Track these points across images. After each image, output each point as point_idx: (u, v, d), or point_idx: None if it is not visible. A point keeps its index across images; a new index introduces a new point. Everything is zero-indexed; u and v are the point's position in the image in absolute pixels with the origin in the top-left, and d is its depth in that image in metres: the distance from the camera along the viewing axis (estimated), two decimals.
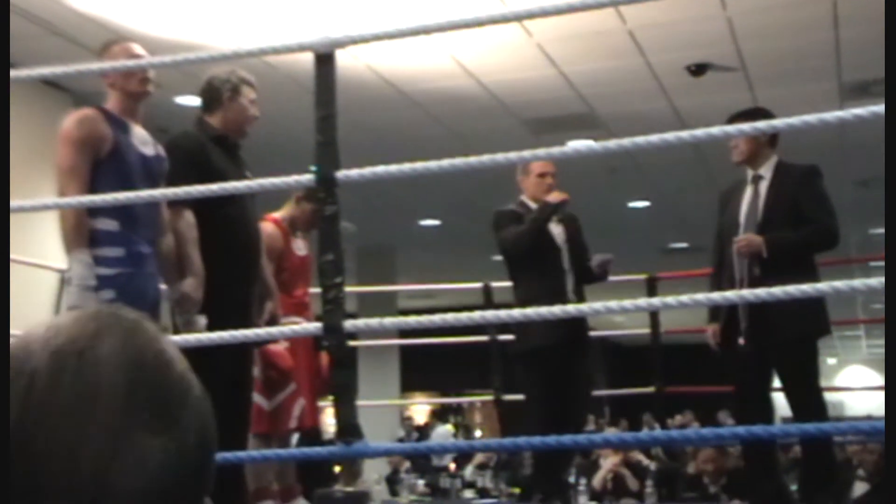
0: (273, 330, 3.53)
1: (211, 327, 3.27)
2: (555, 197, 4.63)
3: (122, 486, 0.61)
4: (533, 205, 4.70)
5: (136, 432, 0.62)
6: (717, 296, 3.80)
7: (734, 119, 4.07)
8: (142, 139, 3.40)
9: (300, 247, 4.64)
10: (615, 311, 2.73)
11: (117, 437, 0.61)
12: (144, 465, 0.62)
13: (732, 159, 4.30)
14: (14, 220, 3.36)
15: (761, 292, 2.64)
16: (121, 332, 0.66)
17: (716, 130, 2.76)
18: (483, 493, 7.15)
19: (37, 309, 5.16)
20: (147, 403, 0.63)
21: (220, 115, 3.76)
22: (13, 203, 3.16)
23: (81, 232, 3.16)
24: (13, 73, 3.43)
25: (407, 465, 10.45)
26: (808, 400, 4.03)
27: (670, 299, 2.77)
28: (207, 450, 0.67)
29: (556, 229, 4.72)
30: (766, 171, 4.22)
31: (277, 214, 4.62)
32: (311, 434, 4.90)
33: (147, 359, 0.65)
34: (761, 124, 3.32)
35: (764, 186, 4.20)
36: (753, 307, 3.98)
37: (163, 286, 3.47)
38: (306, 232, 4.65)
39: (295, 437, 5.28)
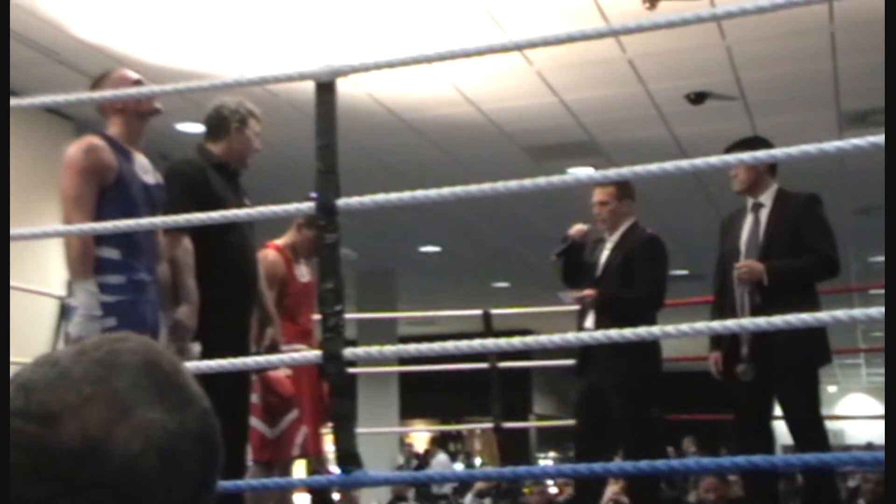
0: (273, 357, 3.52)
1: (208, 354, 3.26)
2: (573, 230, 4.73)
3: (124, 447, 0.65)
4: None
5: (141, 405, 0.67)
6: (717, 324, 3.76)
7: (732, 148, 4.08)
8: (143, 167, 3.41)
9: (303, 273, 4.63)
10: (615, 340, 2.73)
11: (124, 403, 0.66)
12: (146, 433, 0.66)
13: (733, 188, 4.32)
14: (14, 246, 3.35)
15: (761, 321, 2.63)
16: (143, 343, 0.73)
17: (715, 160, 2.77)
18: None
19: (36, 334, 5.15)
20: (155, 389, 0.69)
21: (224, 143, 3.77)
22: (13, 230, 3.16)
23: (88, 261, 3.15)
24: (16, 100, 3.45)
25: (411, 492, 10.42)
26: (810, 429, 4.01)
27: (670, 328, 2.77)
28: (210, 447, 0.70)
29: (603, 259, 4.65)
30: (767, 198, 4.23)
31: (279, 241, 4.63)
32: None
33: (162, 363, 0.71)
34: (761, 154, 3.32)
35: (764, 214, 4.21)
36: (755, 335, 3.98)
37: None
38: (308, 259, 4.65)
39: None
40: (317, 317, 3.04)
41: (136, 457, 0.65)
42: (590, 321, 4.53)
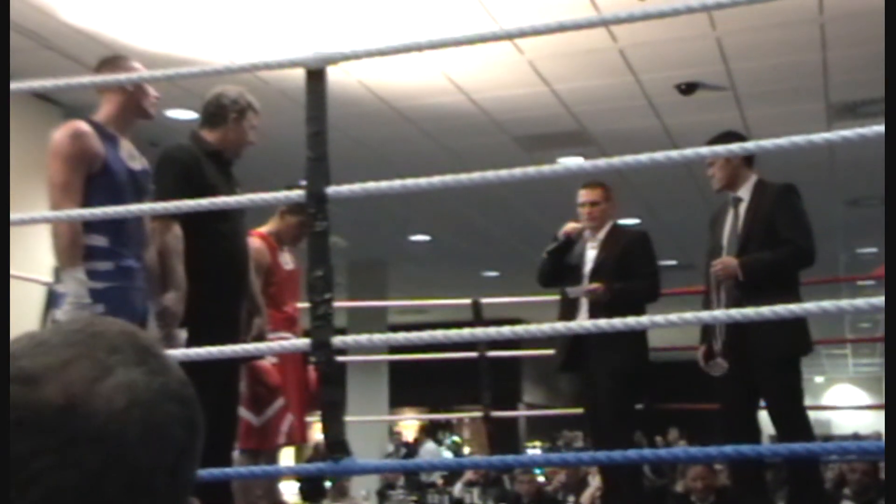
0: (261, 345, 3.52)
1: (199, 342, 3.25)
2: (568, 228, 4.77)
3: (107, 403, 0.65)
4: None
5: (122, 366, 0.68)
6: (705, 314, 3.80)
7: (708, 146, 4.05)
8: (129, 153, 3.39)
9: (287, 260, 4.63)
10: (603, 330, 2.73)
11: (105, 364, 0.67)
12: (129, 391, 0.67)
13: (713, 188, 4.32)
14: None
15: (749, 311, 2.64)
16: (120, 321, 0.73)
17: (705, 150, 2.78)
18: None
19: (22, 321, 5.13)
20: (135, 354, 0.69)
21: (220, 132, 3.75)
22: (12, 216, 3.15)
23: (77, 249, 3.14)
24: None
25: (401, 480, 10.44)
26: (792, 420, 4.03)
27: (658, 317, 2.78)
28: (192, 412, 0.71)
29: (591, 255, 4.73)
30: (745, 192, 4.22)
31: (263, 229, 4.61)
32: None
33: (139, 334, 0.72)
34: (750, 145, 3.33)
35: (743, 208, 4.21)
36: (732, 329, 4.00)
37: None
38: (292, 245, 4.65)
39: None
40: (304, 305, 3.03)
41: (119, 413, 0.65)
42: (583, 317, 4.56)
